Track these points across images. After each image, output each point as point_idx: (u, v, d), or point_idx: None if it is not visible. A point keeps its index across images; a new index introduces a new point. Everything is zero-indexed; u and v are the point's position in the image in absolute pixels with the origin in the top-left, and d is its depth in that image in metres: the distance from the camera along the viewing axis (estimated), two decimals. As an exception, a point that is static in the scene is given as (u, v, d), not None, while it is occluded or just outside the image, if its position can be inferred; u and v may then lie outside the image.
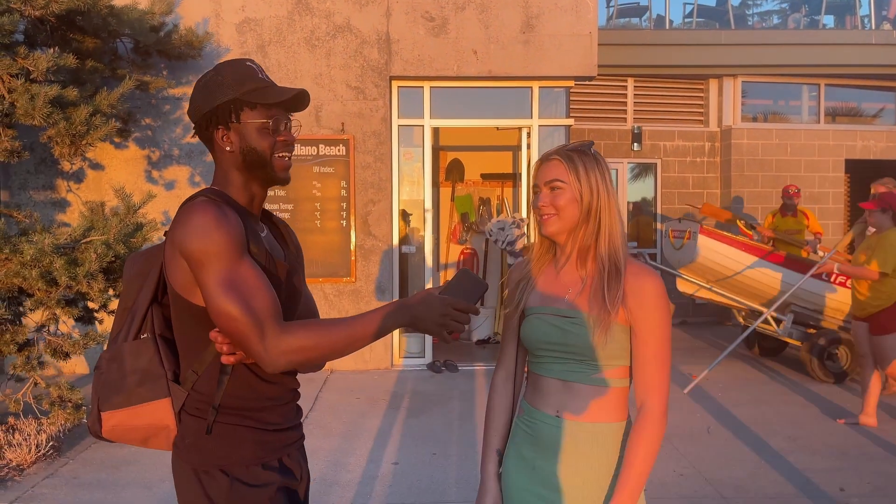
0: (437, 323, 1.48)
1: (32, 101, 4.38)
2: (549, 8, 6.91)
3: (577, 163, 1.71)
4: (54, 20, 5.07)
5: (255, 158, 1.58)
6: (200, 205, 1.48)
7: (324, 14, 6.87)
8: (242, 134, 1.57)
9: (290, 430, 1.68)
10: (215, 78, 1.59)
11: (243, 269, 1.47)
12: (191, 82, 6.81)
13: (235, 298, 1.44)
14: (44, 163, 6.68)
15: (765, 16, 13.05)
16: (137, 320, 1.60)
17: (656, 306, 1.68)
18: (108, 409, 1.57)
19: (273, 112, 1.58)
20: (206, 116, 1.58)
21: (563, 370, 1.72)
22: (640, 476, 1.65)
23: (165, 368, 1.57)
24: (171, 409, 1.57)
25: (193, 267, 1.47)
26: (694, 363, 7.21)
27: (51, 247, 4.10)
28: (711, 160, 10.11)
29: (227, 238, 1.46)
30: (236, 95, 1.56)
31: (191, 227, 1.46)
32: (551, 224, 1.72)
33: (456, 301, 1.49)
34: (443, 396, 6.02)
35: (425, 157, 7.18)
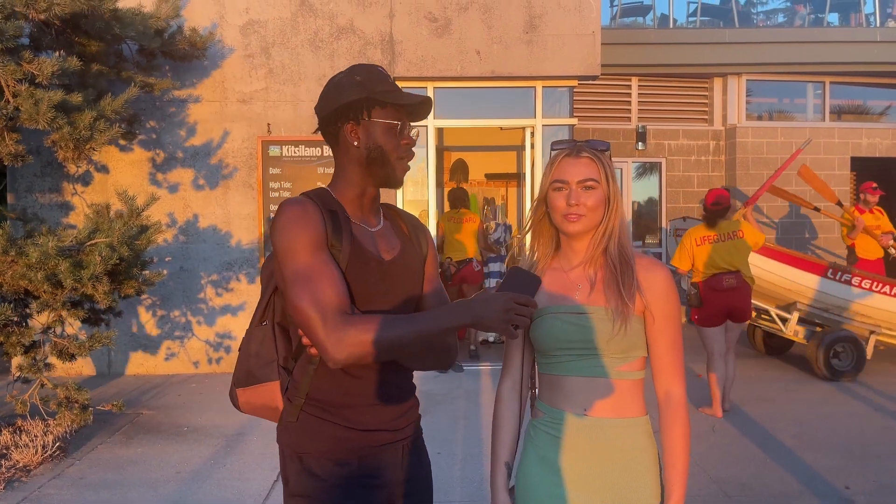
0: (501, 319, 1.48)
1: (37, 106, 4.41)
2: (552, 8, 6.91)
3: (605, 163, 1.73)
4: (59, 24, 5.10)
5: (378, 156, 1.65)
6: (285, 203, 1.59)
7: (327, 16, 6.89)
8: (370, 131, 1.65)
9: (382, 433, 1.67)
10: (350, 76, 1.66)
11: (317, 264, 1.54)
12: (195, 84, 6.85)
13: (303, 291, 1.51)
14: (50, 166, 6.72)
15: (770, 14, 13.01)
16: (261, 308, 1.72)
17: (669, 296, 1.71)
18: (237, 387, 1.72)
19: (399, 114, 1.67)
20: (337, 111, 1.65)
21: (585, 367, 1.70)
22: (685, 468, 1.69)
23: (278, 354, 1.68)
24: (279, 391, 1.68)
25: (278, 262, 1.57)
26: (700, 361, 7.19)
27: (55, 249, 4.12)
28: (716, 159, 10.08)
29: (302, 234, 1.54)
30: (370, 94, 1.63)
31: (274, 224, 1.58)
32: (580, 223, 1.71)
33: (516, 295, 1.50)
34: (448, 396, 6.02)
35: (429, 157, 7.19)
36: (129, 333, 6.90)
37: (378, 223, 1.73)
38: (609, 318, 1.67)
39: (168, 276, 6.73)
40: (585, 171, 1.70)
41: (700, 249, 5.46)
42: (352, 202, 1.69)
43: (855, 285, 6.59)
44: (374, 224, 1.72)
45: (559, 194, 1.72)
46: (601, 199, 1.71)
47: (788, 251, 6.89)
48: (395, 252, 1.71)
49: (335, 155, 1.72)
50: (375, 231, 1.71)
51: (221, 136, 6.91)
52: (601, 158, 1.72)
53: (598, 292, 1.71)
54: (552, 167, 1.75)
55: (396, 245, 1.73)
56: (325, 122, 1.69)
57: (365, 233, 1.68)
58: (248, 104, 6.90)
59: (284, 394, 1.68)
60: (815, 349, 6.53)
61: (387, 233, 1.74)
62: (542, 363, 1.79)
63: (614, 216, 1.73)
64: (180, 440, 4.94)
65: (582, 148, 1.74)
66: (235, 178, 6.92)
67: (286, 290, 1.55)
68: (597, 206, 1.70)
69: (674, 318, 1.72)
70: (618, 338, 1.66)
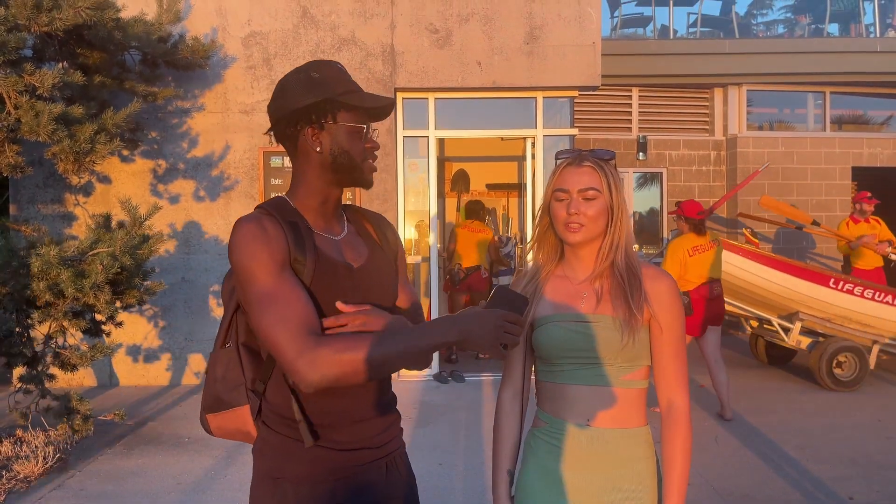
0: (491, 337, 1.39)
1: (37, 118, 4.42)
2: (553, 19, 6.94)
3: (608, 172, 1.71)
4: (62, 35, 5.13)
5: (346, 161, 1.56)
6: (241, 222, 1.49)
7: (329, 27, 6.92)
8: (335, 135, 1.55)
9: (364, 451, 1.58)
10: (309, 75, 1.55)
11: (280, 284, 1.45)
12: (197, 95, 6.87)
13: (267, 314, 1.42)
14: (52, 177, 6.74)
15: (769, 25, 13.06)
16: (223, 329, 1.62)
17: (674, 306, 1.71)
18: (206, 413, 1.63)
19: (364, 117, 1.58)
20: (295, 114, 1.54)
21: (589, 375, 1.69)
22: (684, 479, 1.68)
23: (246, 377, 1.58)
24: (250, 416, 1.59)
25: (239, 285, 1.49)
26: (703, 372, 7.17)
27: (57, 259, 4.13)
28: (717, 169, 10.09)
29: (261, 255, 1.45)
30: (333, 95, 1.53)
31: (232, 244, 1.48)
32: (581, 233, 1.69)
33: (505, 313, 1.41)
34: (449, 407, 6.00)
35: (430, 167, 7.21)
36: (131, 344, 6.90)
37: (342, 230, 1.65)
38: (616, 328, 1.66)
39: (169, 286, 6.73)
40: (587, 180, 1.69)
41: (695, 259, 5.49)
42: (314, 210, 1.59)
43: (857, 295, 6.58)
44: (339, 231, 1.63)
45: (560, 204, 1.71)
46: (602, 208, 1.69)
47: (791, 261, 6.89)
48: (364, 258, 1.63)
49: (293, 160, 1.61)
50: (340, 239, 1.62)
51: (223, 147, 6.93)
52: (604, 168, 1.71)
53: (605, 302, 1.70)
54: (554, 176, 1.75)
55: (364, 251, 1.65)
56: (282, 123, 1.57)
57: (329, 242, 1.59)
58: (249, 115, 6.92)
59: (257, 417, 1.58)
60: (817, 359, 6.52)
61: (352, 239, 1.65)
62: (544, 371, 1.78)
63: (620, 226, 1.71)
64: (181, 451, 4.92)
65: (584, 157, 1.72)
66: (237, 188, 6.93)
67: (250, 315, 1.46)
68: (598, 215, 1.69)
69: (678, 328, 1.72)
70: (626, 347, 1.66)
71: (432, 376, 7.05)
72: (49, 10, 4.60)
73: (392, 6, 6.91)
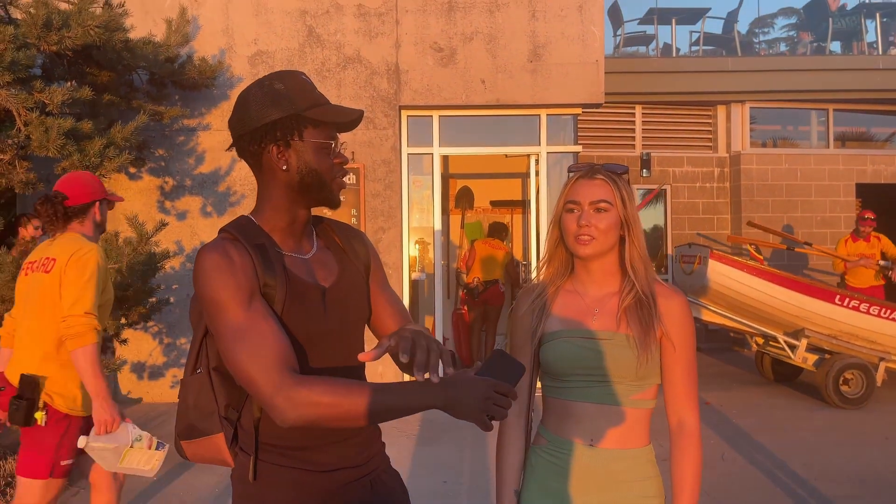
0: (477, 408, 1.30)
1: (47, 133, 4.47)
2: (556, 38, 6.99)
3: (621, 186, 1.68)
4: (71, 54, 5.19)
5: (314, 180, 1.48)
6: (205, 250, 1.42)
7: (334, 46, 6.99)
8: (301, 153, 1.47)
9: (346, 471, 1.54)
10: (272, 88, 1.46)
11: (251, 316, 1.38)
12: (203, 113, 6.93)
13: (240, 349, 1.36)
14: (59, 194, 6.78)
15: (771, 43, 13.15)
16: (193, 355, 1.55)
17: (686, 325, 1.69)
18: (181, 440, 1.56)
19: (331, 132, 1.50)
20: (259, 131, 1.46)
21: (598, 394, 1.66)
22: (694, 499, 1.67)
23: (218, 404, 1.51)
24: (224, 444, 1.52)
25: (208, 317, 1.42)
26: (708, 389, 7.14)
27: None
28: (721, 186, 10.11)
29: (228, 285, 1.38)
30: (298, 111, 1.45)
31: (196, 275, 1.41)
32: (591, 246, 1.66)
33: (496, 383, 1.32)
34: (454, 424, 5.98)
35: (435, 184, 7.23)
36: (136, 361, 6.90)
37: (311, 247, 1.57)
38: (629, 346, 1.63)
39: (175, 303, 6.74)
40: (599, 192, 1.67)
41: None
42: (281, 231, 1.52)
43: (863, 311, 6.55)
44: (308, 250, 1.56)
45: (571, 216, 1.69)
46: (614, 221, 1.67)
47: (796, 277, 6.87)
48: (335, 275, 1.57)
49: (257, 177, 1.53)
50: (310, 257, 1.55)
51: (229, 164, 6.97)
52: (617, 181, 1.68)
53: (619, 319, 1.67)
54: (566, 189, 1.72)
55: (334, 268, 1.58)
56: (245, 140, 1.48)
57: (299, 263, 1.52)
58: (255, 133, 6.96)
59: (233, 445, 1.52)
60: (824, 376, 6.48)
61: (322, 256, 1.58)
62: (550, 387, 1.74)
63: (636, 240, 1.69)
64: (185, 469, 4.91)
65: (597, 170, 1.70)
66: (243, 205, 6.97)
67: (221, 349, 1.39)
68: (609, 228, 1.66)
69: (690, 346, 1.69)
70: (639, 365, 1.63)
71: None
72: (59, 29, 4.65)
73: (397, 25, 6.98)
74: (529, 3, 7.00)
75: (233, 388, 1.51)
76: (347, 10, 6.98)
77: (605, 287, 1.72)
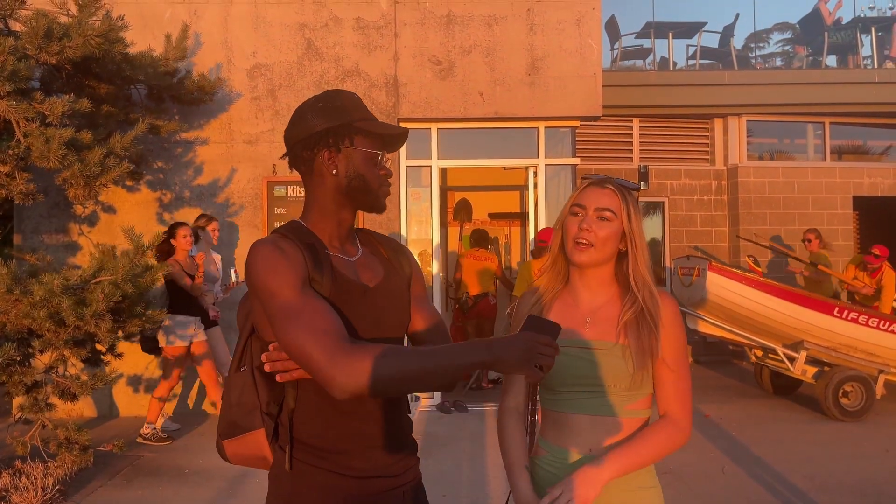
0: (524, 358, 1.37)
1: (48, 144, 4.46)
2: (554, 51, 7.03)
3: (628, 200, 1.69)
4: (70, 67, 5.19)
5: (361, 185, 1.58)
6: (258, 245, 1.51)
7: (333, 59, 7.01)
8: (351, 159, 1.57)
9: (380, 479, 1.56)
10: (327, 102, 1.59)
11: (304, 298, 1.45)
12: (202, 126, 6.93)
13: (294, 325, 1.42)
14: (57, 207, 6.77)
15: (767, 58, 13.24)
16: (238, 353, 1.61)
17: (676, 327, 1.69)
18: (222, 439, 1.60)
19: (379, 144, 1.61)
20: (313, 137, 1.57)
21: (592, 405, 1.66)
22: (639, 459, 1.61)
23: (260, 400, 1.56)
24: (266, 440, 1.56)
25: (262, 304, 1.49)
26: (708, 402, 7.12)
27: (60, 287, 4.12)
28: (719, 198, 10.13)
29: (281, 274, 1.46)
30: (350, 121, 1.57)
31: (251, 267, 1.49)
32: (588, 253, 1.67)
33: (538, 335, 1.40)
34: (452, 437, 5.94)
35: (433, 197, 7.24)
36: (132, 374, 6.86)
37: (357, 251, 1.66)
38: (623, 357, 1.63)
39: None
40: (605, 200, 1.68)
41: None
42: (329, 233, 1.61)
43: (862, 323, 6.55)
44: (354, 253, 1.65)
45: (574, 219, 1.70)
46: (615, 232, 1.67)
47: (794, 289, 6.87)
48: (379, 278, 1.64)
49: (307, 184, 1.63)
50: (355, 260, 1.63)
51: (227, 177, 6.97)
52: (626, 195, 1.70)
53: (616, 329, 1.67)
54: (575, 193, 1.74)
55: (379, 271, 1.65)
56: (299, 147, 1.59)
57: (345, 263, 1.60)
58: (254, 145, 6.98)
59: (273, 441, 1.57)
60: (823, 389, 6.46)
61: (367, 260, 1.66)
62: (547, 399, 1.74)
63: (639, 255, 1.69)
64: (181, 483, 4.86)
65: (609, 180, 1.72)
66: (241, 217, 6.96)
67: (276, 331, 1.45)
68: (608, 237, 1.67)
69: (681, 346, 1.69)
70: (633, 375, 1.62)
71: (435, 406, 6.99)
72: (59, 39, 4.66)
73: (395, 38, 7.01)
74: (528, 16, 7.04)
75: (274, 385, 1.55)
76: (346, 24, 7.01)
77: (598, 296, 1.72)
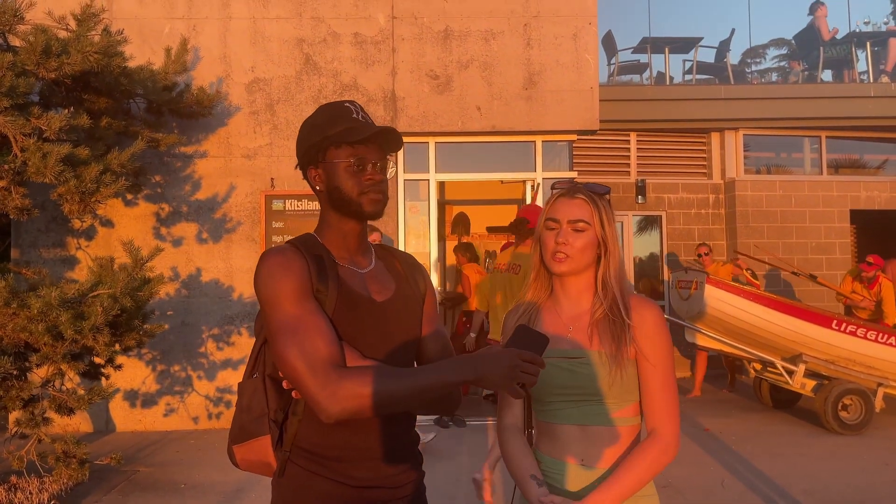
0: (506, 375, 1.39)
1: (44, 160, 4.47)
2: (551, 65, 7.07)
3: (601, 207, 1.71)
4: (69, 82, 5.22)
5: (340, 196, 1.60)
6: (267, 254, 1.54)
7: (331, 73, 7.05)
8: (329, 173, 1.60)
9: (380, 490, 1.57)
10: (312, 119, 1.64)
11: (302, 314, 1.47)
12: (200, 140, 6.96)
13: (289, 343, 1.45)
14: (54, 221, 6.77)
15: (763, 73, 13.28)
16: (252, 360, 1.65)
17: (659, 335, 1.68)
18: (233, 444, 1.63)
19: (359, 151, 1.59)
20: (303, 158, 1.64)
21: (579, 414, 1.66)
22: (631, 485, 1.60)
23: (269, 407, 1.59)
24: (271, 446, 1.59)
25: (263, 314, 1.53)
26: (708, 415, 7.09)
27: (58, 300, 4.11)
28: (716, 212, 10.15)
29: (285, 283, 1.49)
30: (325, 135, 1.59)
31: (257, 275, 1.52)
32: (566, 263, 1.68)
33: (522, 352, 1.41)
34: (451, 451, 5.92)
35: (431, 210, 7.25)
36: (128, 389, 6.83)
37: (369, 264, 1.67)
38: (601, 363, 1.64)
39: (169, 330, 6.70)
40: (577, 211, 1.69)
41: None
42: (336, 244, 1.64)
43: (860, 336, 6.54)
44: (365, 265, 1.66)
45: (550, 233, 1.71)
46: (591, 241, 1.69)
47: (793, 302, 6.87)
48: (390, 293, 1.64)
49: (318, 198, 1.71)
50: (366, 272, 1.64)
51: (226, 191, 6.98)
52: (597, 202, 1.71)
53: (591, 336, 1.67)
54: (547, 206, 1.75)
55: (390, 285, 1.66)
56: (300, 167, 1.69)
57: (354, 275, 1.61)
58: (252, 159, 7.00)
59: (277, 447, 1.59)
60: (823, 402, 6.44)
61: (379, 273, 1.67)
62: (538, 410, 1.75)
63: (611, 260, 1.71)
64: (177, 498, 4.83)
65: (578, 189, 1.73)
66: (238, 231, 6.96)
67: (273, 343, 1.48)
68: (585, 247, 1.68)
69: (665, 357, 1.68)
70: (613, 383, 1.63)
71: (433, 421, 6.96)
72: (58, 55, 4.68)
73: (393, 53, 7.05)
74: (524, 31, 7.08)
75: (283, 393, 1.59)
76: (344, 39, 7.05)
77: (579, 305, 1.73)
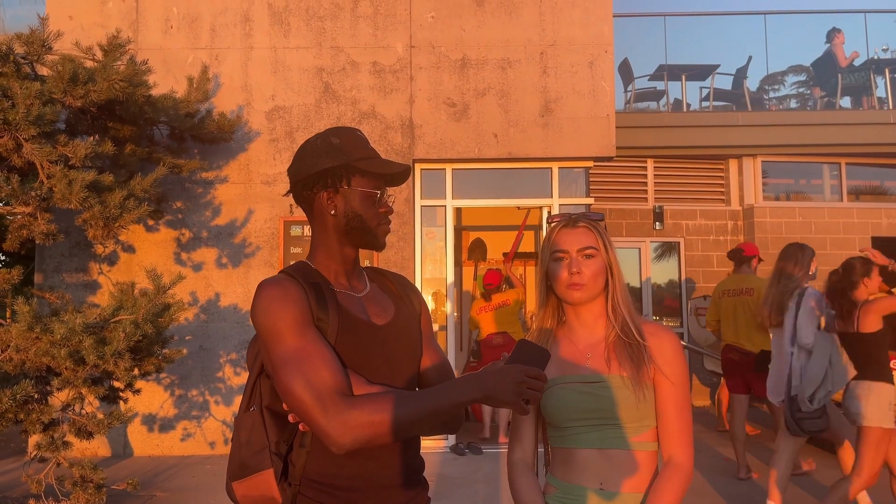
0: (512, 392, 1.39)
1: (70, 186, 4.57)
2: (567, 92, 7.12)
3: (602, 232, 1.75)
4: (95, 110, 5.34)
5: (359, 225, 1.60)
6: (263, 285, 1.51)
7: (350, 102, 7.15)
8: (349, 199, 1.59)
9: None
10: (328, 141, 1.60)
11: (305, 345, 1.45)
12: (221, 167, 7.06)
13: (294, 375, 1.43)
14: (77, 246, 6.88)
15: (781, 100, 13.26)
16: (248, 393, 1.62)
17: (677, 362, 1.70)
18: (232, 481, 1.60)
19: (379, 183, 1.62)
20: (312, 177, 1.59)
21: (599, 438, 1.67)
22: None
23: (270, 440, 1.56)
24: (274, 479, 1.55)
25: (264, 346, 1.50)
26: (724, 444, 6.99)
27: (81, 326, 4.17)
28: (735, 238, 10.09)
29: (284, 314, 1.47)
30: (349, 161, 1.58)
31: (255, 307, 1.50)
32: (583, 291, 1.71)
33: (527, 368, 1.41)
34: (466, 479, 5.87)
35: (448, 236, 7.28)
36: (146, 413, 6.87)
37: (364, 287, 1.67)
38: (624, 386, 1.65)
39: (187, 354, 6.75)
40: (584, 239, 1.72)
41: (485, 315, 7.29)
42: (335, 270, 1.63)
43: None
44: (361, 289, 1.66)
45: (560, 264, 1.73)
46: (602, 266, 1.72)
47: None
48: (389, 315, 1.64)
49: (310, 222, 1.65)
50: (363, 296, 1.64)
51: (245, 217, 7.07)
52: (597, 228, 1.75)
53: (611, 361, 1.69)
54: (549, 240, 1.77)
55: (389, 308, 1.66)
56: (299, 186, 1.62)
57: (352, 300, 1.61)
58: (271, 185, 7.08)
59: (282, 481, 1.55)
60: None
61: (376, 296, 1.67)
62: (553, 437, 1.76)
63: (618, 284, 1.74)
64: (194, 523, 4.83)
65: (578, 218, 1.76)
66: (257, 256, 7.03)
67: (276, 376, 1.46)
68: (597, 273, 1.71)
69: (683, 383, 1.70)
70: (634, 407, 1.64)
71: (449, 448, 6.92)
72: (84, 83, 4.80)
73: (411, 81, 7.14)
74: (541, 59, 7.15)
75: (284, 425, 1.57)
76: (363, 68, 7.16)
77: (596, 332, 1.75)
